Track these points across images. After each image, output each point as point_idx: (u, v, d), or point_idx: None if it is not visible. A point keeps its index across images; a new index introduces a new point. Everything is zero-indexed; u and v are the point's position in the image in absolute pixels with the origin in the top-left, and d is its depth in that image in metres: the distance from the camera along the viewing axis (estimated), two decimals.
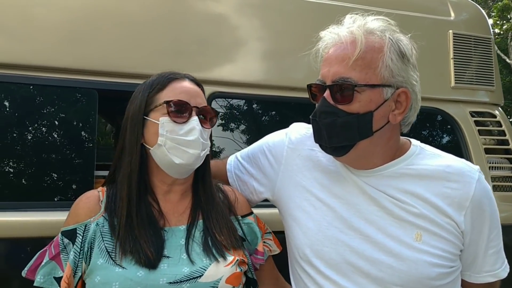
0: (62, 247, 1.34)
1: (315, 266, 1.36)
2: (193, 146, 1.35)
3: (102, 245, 1.32)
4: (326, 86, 1.30)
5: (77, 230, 1.35)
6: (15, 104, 1.86)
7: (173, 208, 1.43)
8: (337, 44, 1.32)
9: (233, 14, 2.22)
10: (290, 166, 1.51)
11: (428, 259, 1.27)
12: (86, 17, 1.94)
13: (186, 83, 1.43)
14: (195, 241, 1.37)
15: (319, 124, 1.32)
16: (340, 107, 1.29)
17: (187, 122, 1.36)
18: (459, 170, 1.34)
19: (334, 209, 1.38)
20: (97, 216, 1.36)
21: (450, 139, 2.57)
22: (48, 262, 1.34)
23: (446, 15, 2.65)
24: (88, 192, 1.44)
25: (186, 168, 1.38)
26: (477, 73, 2.65)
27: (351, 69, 1.27)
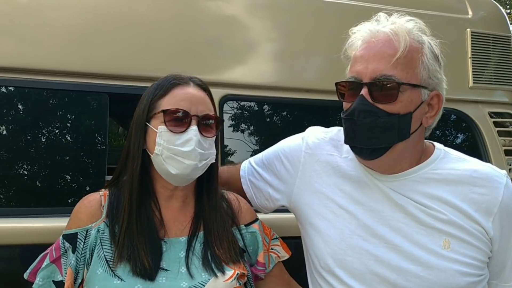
0: (63, 251, 1.32)
1: (337, 276, 1.31)
2: (189, 157, 1.31)
3: (102, 253, 1.29)
4: (365, 84, 1.24)
5: (78, 235, 1.32)
6: (26, 109, 1.84)
7: (174, 217, 1.40)
8: (375, 41, 1.26)
9: (244, 15, 2.18)
10: (308, 172, 1.46)
11: (457, 268, 1.22)
12: (97, 21, 1.92)
13: (189, 89, 1.37)
14: (195, 254, 1.34)
15: (357, 124, 1.25)
16: (380, 107, 1.23)
17: (185, 131, 1.31)
18: (486, 175, 1.29)
19: (357, 216, 1.33)
20: (99, 222, 1.34)
21: (469, 140, 2.50)
22: (48, 265, 1.32)
23: (464, 13, 2.58)
24: (90, 196, 1.41)
25: (183, 178, 1.35)
26: (495, 73, 2.58)
27: (392, 67, 1.22)
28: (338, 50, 2.19)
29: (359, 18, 2.24)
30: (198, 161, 1.31)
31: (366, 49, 1.26)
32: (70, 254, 1.30)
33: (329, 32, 2.26)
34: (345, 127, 1.30)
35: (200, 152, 1.32)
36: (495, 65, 2.58)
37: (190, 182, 1.39)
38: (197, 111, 1.34)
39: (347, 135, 1.30)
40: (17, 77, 1.82)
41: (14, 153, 1.79)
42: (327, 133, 1.52)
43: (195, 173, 1.35)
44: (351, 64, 1.30)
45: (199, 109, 1.34)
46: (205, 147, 1.34)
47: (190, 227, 1.39)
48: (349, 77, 1.29)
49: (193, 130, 1.31)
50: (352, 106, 1.25)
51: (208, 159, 1.35)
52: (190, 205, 1.43)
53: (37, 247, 1.67)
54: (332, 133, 1.51)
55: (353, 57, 1.30)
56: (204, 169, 1.36)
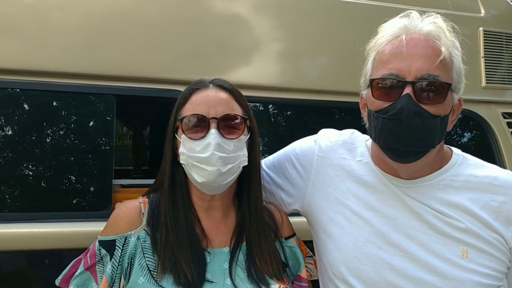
0: (99, 257, 1.28)
1: (351, 285, 1.27)
2: (209, 163, 1.24)
3: (143, 262, 1.25)
4: (409, 82, 1.17)
5: (116, 242, 1.28)
6: (33, 111, 1.82)
7: (216, 227, 1.35)
8: (416, 39, 1.20)
9: (252, 15, 2.14)
10: (321, 176, 1.42)
11: (476, 279, 1.18)
12: (103, 22, 1.89)
13: (208, 92, 1.32)
14: (239, 265, 1.30)
15: (405, 125, 1.16)
16: (425, 108, 1.17)
17: (204, 137, 1.26)
18: (506, 183, 1.25)
19: (371, 223, 1.28)
20: (139, 230, 1.29)
21: (482, 142, 2.45)
22: (82, 272, 1.28)
23: (476, 12, 2.53)
24: (129, 202, 1.37)
25: (211, 185, 1.28)
26: (509, 72, 2.53)
27: (436, 68, 1.17)
28: (347, 51, 2.19)
29: (370, 17, 2.23)
30: (220, 166, 1.24)
31: (406, 46, 1.19)
32: (108, 262, 1.26)
33: (339, 32, 2.23)
34: (385, 128, 1.20)
35: (221, 156, 1.24)
36: (508, 65, 2.53)
37: (223, 190, 1.32)
38: (216, 113, 1.27)
39: (388, 136, 1.20)
40: (23, 80, 1.79)
41: (21, 155, 1.77)
42: (340, 136, 1.47)
43: (223, 179, 1.27)
44: (384, 60, 1.22)
45: (218, 111, 1.28)
46: (229, 150, 1.26)
47: (232, 237, 1.34)
48: (387, 74, 1.20)
49: (211, 134, 1.25)
50: (398, 105, 1.16)
51: (235, 162, 1.28)
52: (231, 215, 1.38)
53: (45, 252, 1.67)
54: (346, 136, 1.47)
55: (389, 53, 1.22)
56: (234, 174, 1.29)
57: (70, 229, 1.71)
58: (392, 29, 1.25)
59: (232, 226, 1.36)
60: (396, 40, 1.22)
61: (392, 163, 1.25)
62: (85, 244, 1.68)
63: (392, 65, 1.20)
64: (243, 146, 1.30)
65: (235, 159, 1.28)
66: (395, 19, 1.28)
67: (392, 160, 1.24)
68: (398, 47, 1.20)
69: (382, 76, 1.21)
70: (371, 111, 1.25)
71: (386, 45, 1.23)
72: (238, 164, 1.29)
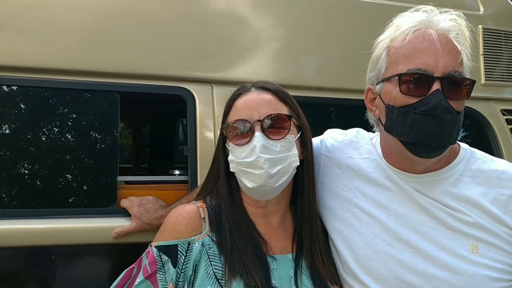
0: (160, 265, 1.23)
1: (362, 282, 1.28)
2: (256, 167, 1.22)
3: (210, 270, 1.21)
4: (438, 78, 1.16)
5: (178, 247, 1.23)
6: (37, 108, 1.82)
7: (275, 233, 1.33)
8: (440, 34, 1.19)
9: (255, 13, 2.15)
10: (329, 175, 1.43)
11: (487, 273, 1.19)
12: (107, 19, 1.89)
13: (250, 95, 1.31)
14: (303, 272, 1.29)
15: (439, 121, 1.16)
16: (451, 104, 1.18)
17: (250, 141, 1.24)
18: None
19: (380, 220, 1.29)
20: (202, 235, 1.26)
21: (481, 138, 2.47)
22: (142, 281, 1.22)
23: (475, 10, 2.55)
24: (187, 206, 1.33)
25: (263, 190, 1.25)
26: (507, 69, 2.55)
27: (459, 65, 1.19)
28: (350, 48, 2.21)
29: (372, 15, 2.25)
30: (268, 168, 1.22)
31: (430, 42, 1.18)
32: (171, 268, 1.21)
33: (342, 29, 2.25)
34: (417, 124, 1.18)
35: (267, 158, 1.22)
36: (507, 62, 2.56)
37: (277, 193, 1.29)
38: (259, 115, 1.26)
39: (420, 132, 1.18)
40: (28, 77, 1.79)
41: (26, 152, 1.77)
42: (346, 135, 1.49)
43: (274, 182, 1.24)
44: (407, 55, 1.20)
45: (261, 112, 1.26)
46: (276, 151, 1.24)
47: (292, 243, 1.33)
48: (414, 69, 1.19)
49: (256, 137, 1.23)
50: (432, 101, 1.16)
51: (285, 163, 1.25)
52: (288, 220, 1.37)
53: (52, 248, 1.69)
54: (351, 135, 1.49)
55: (413, 47, 1.20)
56: (286, 175, 1.26)
57: (77, 225, 1.72)
58: (412, 22, 1.23)
59: (290, 231, 1.35)
60: (419, 34, 1.20)
61: (412, 158, 1.24)
62: (91, 240, 1.73)
63: (418, 60, 1.19)
64: (291, 145, 1.27)
65: (284, 160, 1.25)
66: (411, 12, 1.26)
67: (414, 155, 1.23)
68: (422, 42, 1.19)
69: (409, 71, 1.19)
70: (393, 107, 1.23)
71: (406, 39, 1.21)
72: (289, 165, 1.26)
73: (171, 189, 1.90)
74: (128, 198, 1.79)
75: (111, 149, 1.89)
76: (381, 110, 1.29)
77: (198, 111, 1.96)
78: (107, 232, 1.71)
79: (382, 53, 1.29)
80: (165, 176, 2.53)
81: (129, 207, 1.75)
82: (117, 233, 1.69)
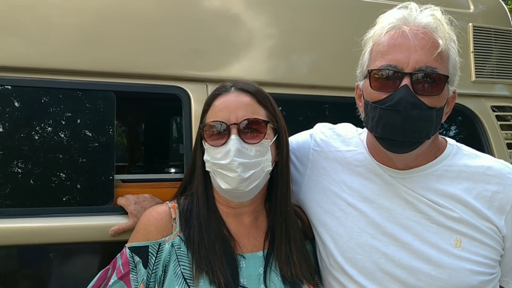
0: (133, 265, 1.24)
1: (348, 274, 1.31)
2: (230, 169, 1.23)
3: (178, 270, 1.21)
4: (408, 74, 1.17)
5: (149, 248, 1.25)
6: (33, 108, 1.83)
7: (247, 232, 1.34)
8: (415, 30, 1.20)
9: (250, 12, 2.17)
10: (317, 169, 1.45)
11: (469, 267, 1.21)
12: (103, 19, 1.91)
13: (229, 97, 1.30)
14: (273, 270, 1.29)
15: (402, 116, 1.17)
16: (422, 99, 1.18)
17: (225, 143, 1.24)
18: (500, 172, 1.28)
19: (366, 214, 1.31)
20: (172, 236, 1.27)
21: (471, 134, 2.51)
22: (116, 282, 1.24)
23: (465, 8, 2.59)
24: (158, 207, 1.35)
25: (235, 192, 1.27)
26: (497, 67, 2.59)
27: (434, 60, 1.19)
28: (343, 46, 2.23)
29: (364, 14, 2.27)
30: (241, 172, 1.22)
31: (405, 38, 1.19)
32: (141, 269, 1.23)
33: (335, 28, 2.27)
34: (382, 119, 1.21)
35: (241, 162, 1.23)
36: (496, 59, 2.59)
37: (250, 197, 1.30)
38: (236, 118, 1.26)
39: (385, 127, 1.21)
40: (24, 77, 1.81)
41: (23, 151, 1.78)
42: (335, 129, 1.51)
43: (246, 185, 1.25)
44: (383, 51, 1.22)
45: (239, 115, 1.26)
46: (250, 156, 1.24)
47: (264, 241, 1.33)
48: (385, 65, 1.20)
49: (231, 140, 1.23)
50: (396, 96, 1.18)
51: (257, 167, 1.26)
52: (261, 218, 1.37)
53: (50, 246, 1.70)
54: (340, 129, 1.51)
55: (387, 44, 1.22)
56: (258, 179, 1.26)
57: (74, 223, 1.74)
58: (390, 20, 1.25)
59: (263, 230, 1.36)
60: (394, 31, 1.22)
61: (388, 153, 1.27)
62: (89, 238, 1.75)
63: (390, 56, 1.20)
64: (266, 150, 1.28)
65: (257, 165, 1.26)
66: (393, 10, 1.28)
67: (387, 150, 1.26)
68: (396, 38, 1.21)
69: (380, 67, 1.21)
70: (368, 102, 1.26)
71: (384, 36, 1.24)
72: (262, 169, 1.27)
73: (167, 186, 1.92)
74: (124, 196, 1.80)
75: (107, 147, 1.91)
76: (363, 106, 1.33)
77: (193, 109, 1.97)
78: (104, 230, 1.72)
79: (366, 50, 1.32)
80: (161, 174, 2.54)
81: (125, 205, 1.77)
82: (114, 230, 1.71)
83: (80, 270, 1.79)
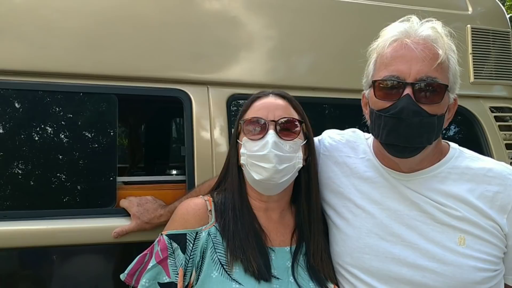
0: (171, 251, 1.33)
1: (355, 274, 1.36)
2: (266, 160, 1.33)
3: (215, 256, 1.32)
4: (409, 84, 1.25)
5: (187, 236, 1.34)
6: (35, 111, 1.85)
7: (276, 227, 1.43)
8: (416, 42, 1.27)
9: (250, 14, 2.19)
10: (326, 173, 1.51)
11: (473, 263, 1.26)
12: (104, 22, 1.92)
13: (268, 99, 1.44)
14: (300, 265, 1.38)
15: (405, 123, 1.25)
16: (423, 107, 1.25)
17: (262, 138, 1.36)
18: (500, 174, 1.33)
19: (374, 215, 1.37)
20: (209, 226, 1.37)
21: (471, 135, 2.53)
22: (154, 266, 1.34)
23: (464, 10, 2.61)
24: (195, 199, 1.45)
25: (268, 184, 1.37)
26: (496, 68, 2.61)
27: (434, 70, 1.26)
28: (343, 48, 2.25)
29: (364, 16, 2.30)
30: (276, 163, 1.33)
31: (406, 50, 1.27)
32: (180, 254, 1.32)
33: (335, 30, 2.29)
34: (387, 126, 1.28)
35: (277, 154, 1.33)
36: (495, 61, 2.61)
37: (279, 190, 1.40)
38: (274, 116, 1.38)
39: (389, 133, 1.28)
40: (26, 80, 1.82)
41: (26, 154, 1.80)
42: (343, 135, 1.57)
43: (279, 177, 1.35)
44: (386, 63, 1.30)
45: (276, 114, 1.38)
46: (285, 150, 1.35)
47: (291, 238, 1.43)
48: (388, 75, 1.28)
49: (269, 134, 1.35)
50: (399, 105, 1.25)
51: (290, 162, 1.36)
52: (287, 217, 1.47)
53: (53, 248, 1.72)
54: (348, 135, 1.57)
55: (390, 56, 1.30)
56: (289, 174, 1.37)
57: (77, 225, 1.75)
58: (393, 32, 1.33)
59: (290, 227, 1.45)
60: (397, 44, 1.30)
61: (393, 158, 1.34)
62: (91, 240, 1.76)
63: (393, 67, 1.28)
64: (298, 148, 1.40)
65: (291, 159, 1.37)
66: (396, 23, 1.36)
67: (391, 155, 1.33)
68: (398, 50, 1.29)
69: (383, 78, 1.29)
70: (373, 110, 1.33)
71: (387, 48, 1.31)
72: (294, 165, 1.38)
73: (169, 188, 1.94)
74: (127, 198, 1.82)
75: (109, 150, 1.93)
76: (369, 114, 1.40)
77: (195, 112, 2.00)
78: (107, 232, 1.74)
79: (370, 61, 1.40)
80: (163, 176, 2.56)
81: (128, 207, 1.79)
82: (117, 232, 1.73)
83: (82, 272, 1.80)
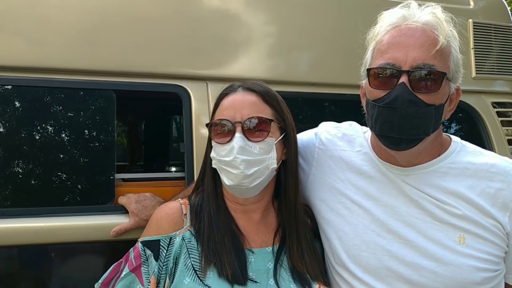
0: (144, 258, 1.28)
1: (352, 271, 1.31)
2: (233, 166, 1.26)
3: (189, 262, 1.26)
4: (405, 72, 1.18)
5: (160, 242, 1.29)
6: (33, 107, 1.83)
7: (256, 228, 1.37)
8: (414, 28, 1.21)
9: (249, 10, 2.16)
10: (322, 167, 1.46)
11: (473, 263, 1.21)
12: (102, 18, 1.90)
13: (235, 96, 1.34)
14: (283, 266, 1.32)
15: (399, 113, 1.18)
16: (420, 96, 1.18)
17: (229, 141, 1.28)
18: (504, 170, 1.28)
19: (371, 211, 1.32)
20: (183, 230, 1.31)
21: (472, 130, 2.51)
22: (127, 274, 1.28)
23: (465, 4, 2.58)
24: (170, 203, 1.40)
25: (240, 188, 1.30)
26: (498, 63, 2.59)
27: (433, 58, 1.19)
28: (343, 43, 2.23)
29: (364, 11, 2.27)
30: (244, 168, 1.25)
31: (403, 36, 1.21)
32: (153, 262, 1.27)
33: (335, 25, 2.27)
34: (380, 116, 1.22)
35: (244, 159, 1.25)
36: (497, 55, 2.59)
37: (255, 193, 1.33)
38: (241, 116, 1.29)
39: (383, 124, 1.22)
40: (23, 76, 1.80)
41: (24, 151, 1.78)
42: (339, 128, 1.51)
43: (249, 182, 1.28)
44: (382, 50, 1.24)
45: (244, 114, 1.29)
46: (254, 153, 1.27)
47: (274, 237, 1.36)
48: (383, 63, 1.22)
49: (235, 138, 1.27)
50: (393, 94, 1.18)
51: (261, 165, 1.28)
52: (271, 216, 1.41)
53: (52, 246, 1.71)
54: (344, 128, 1.51)
55: (387, 43, 1.23)
56: (262, 176, 1.29)
57: (75, 223, 1.74)
58: (390, 19, 1.26)
59: (273, 227, 1.39)
60: (394, 30, 1.23)
61: (390, 150, 1.28)
62: (90, 237, 1.75)
63: (389, 54, 1.21)
64: (271, 148, 1.31)
65: (261, 162, 1.29)
66: (394, 9, 1.29)
67: (386, 147, 1.27)
68: (395, 36, 1.22)
69: (378, 66, 1.22)
70: (369, 100, 1.27)
71: (384, 35, 1.25)
72: (266, 166, 1.30)
73: (168, 185, 1.92)
74: (125, 195, 1.81)
75: (108, 147, 1.91)
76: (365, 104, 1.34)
77: (194, 108, 1.98)
78: (105, 229, 1.73)
79: (368, 50, 1.34)
80: (162, 173, 2.55)
81: (127, 204, 1.77)
82: (115, 231, 1.71)
83: (81, 270, 1.79)
